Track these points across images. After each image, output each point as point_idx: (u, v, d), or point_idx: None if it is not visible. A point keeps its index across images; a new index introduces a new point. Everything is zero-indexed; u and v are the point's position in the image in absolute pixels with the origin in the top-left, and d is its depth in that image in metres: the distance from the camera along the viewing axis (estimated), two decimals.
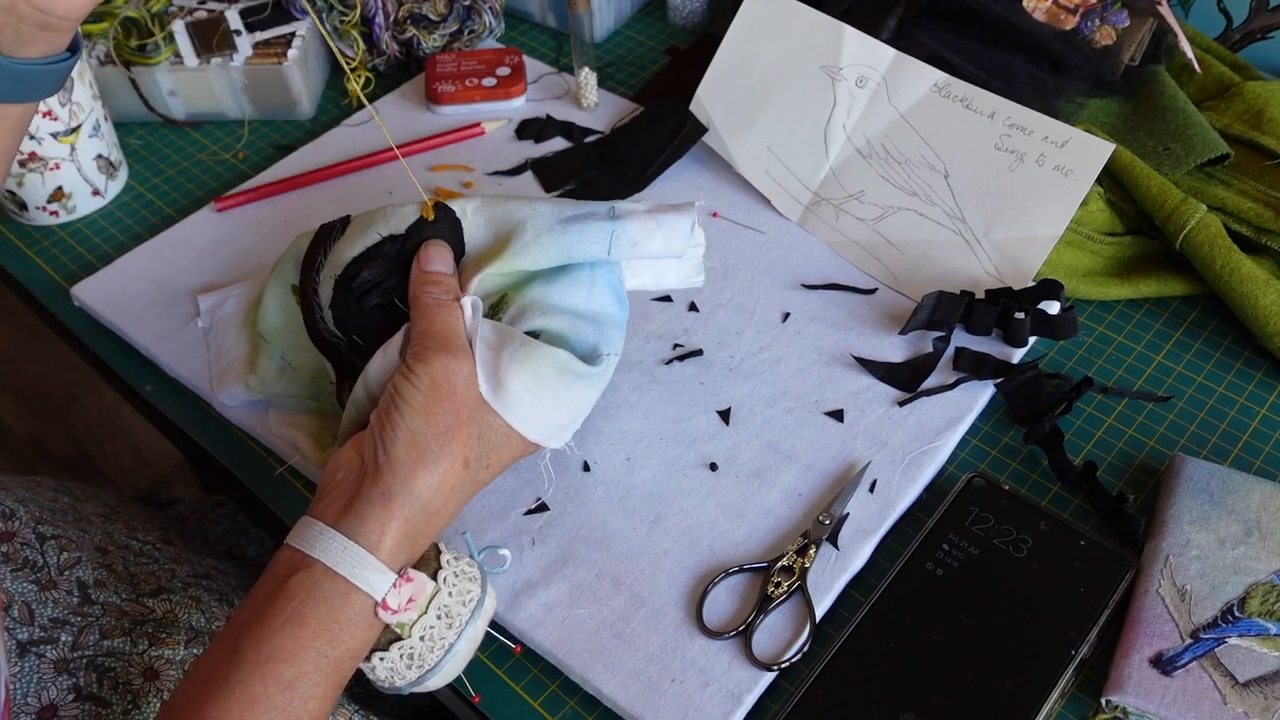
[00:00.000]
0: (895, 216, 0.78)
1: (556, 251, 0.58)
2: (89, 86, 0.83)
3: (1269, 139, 0.78)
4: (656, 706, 0.56)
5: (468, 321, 0.56)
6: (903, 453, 0.66)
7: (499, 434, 0.55)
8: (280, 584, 0.49)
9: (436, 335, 0.54)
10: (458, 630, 0.52)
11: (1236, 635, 0.55)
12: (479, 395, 0.54)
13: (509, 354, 0.55)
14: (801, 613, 0.60)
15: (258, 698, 0.47)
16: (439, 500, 0.52)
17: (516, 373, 0.54)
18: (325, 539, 0.50)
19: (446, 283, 0.57)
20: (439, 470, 0.51)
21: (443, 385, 0.52)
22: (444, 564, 0.53)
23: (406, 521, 0.51)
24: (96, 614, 0.62)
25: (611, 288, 0.60)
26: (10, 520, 0.65)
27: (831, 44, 0.81)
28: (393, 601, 0.50)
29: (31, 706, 0.57)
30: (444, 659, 0.52)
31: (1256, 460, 0.66)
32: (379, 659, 0.51)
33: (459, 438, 0.52)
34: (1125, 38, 0.82)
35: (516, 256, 0.58)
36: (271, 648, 0.48)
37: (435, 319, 0.55)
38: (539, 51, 1.01)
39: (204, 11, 0.92)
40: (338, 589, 0.49)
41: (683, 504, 0.65)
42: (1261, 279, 0.70)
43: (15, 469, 1.70)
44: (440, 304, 0.55)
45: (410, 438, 0.51)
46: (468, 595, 0.53)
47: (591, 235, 0.59)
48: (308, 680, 0.48)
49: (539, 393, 0.55)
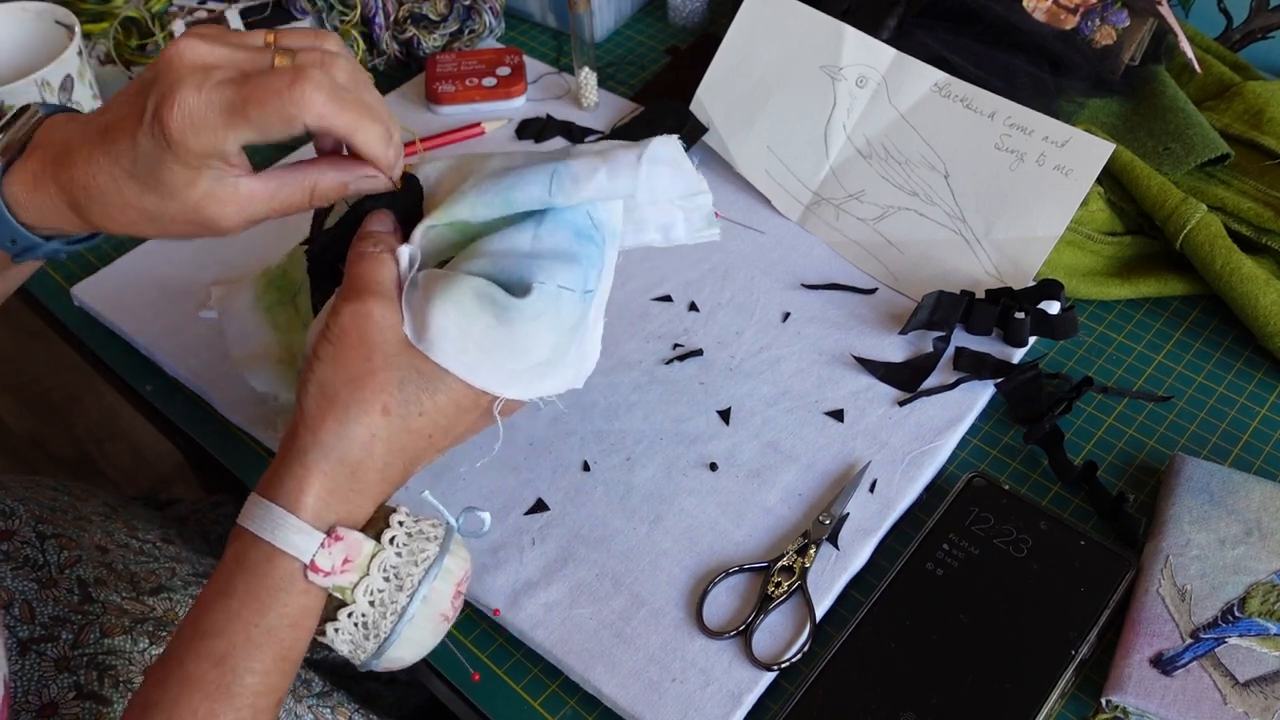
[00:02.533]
0: (895, 216, 0.78)
1: (493, 197, 0.54)
2: (89, 86, 0.83)
3: (1269, 139, 0.78)
4: (656, 706, 0.56)
5: (402, 270, 0.52)
6: (903, 452, 0.66)
7: (431, 378, 0.50)
8: (222, 560, 0.48)
9: (352, 284, 0.51)
10: (409, 592, 0.49)
11: (1237, 635, 0.55)
12: (401, 340, 0.50)
13: (430, 290, 0.51)
14: (801, 613, 0.60)
15: (192, 676, 0.45)
16: (358, 451, 0.48)
17: (437, 305, 0.50)
18: (251, 506, 0.48)
19: (376, 237, 0.53)
20: (350, 419, 0.48)
21: (351, 332, 0.49)
22: (393, 525, 0.50)
23: (326, 475, 0.48)
24: (97, 612, 0.62)
25: (567, 225, 0.54)
26: (10, 519, 0.66)
27: (832, 44, 0.81)
28: (323, 562, 0.47)
29: (32, 704, 0.57)
30: (399, 624, 0.49)
31: (1257, 460, 0.66)
32: (333, 630, 0.49)
33: (371, 384, 0.49)
34: (1125, 37, 0.82)
35: (455, 205, 0.54)
36: (206, 624, 0.46)
37: (357, 270, 0.51)
38: (539, 51, 1.01)
39: (204, 11, 0.92)
40: (262, 554, 0.47)
41: (683, 504, 0.65)
42: (1261, 279, 0.70)
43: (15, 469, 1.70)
44: (364, 255, 0.52)
45: (319, 390, 0.49)
46: (422, 555, 0.50)
47: (531, 177, 0.54)
48: (239, 653, 0.46)
49: (465, 326, 0.50)
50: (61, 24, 0.83)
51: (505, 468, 0.67)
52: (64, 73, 0.79)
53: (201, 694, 0.45)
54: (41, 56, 0.82)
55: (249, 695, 0.46)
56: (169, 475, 1.66)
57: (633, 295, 0.77)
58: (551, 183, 0.54)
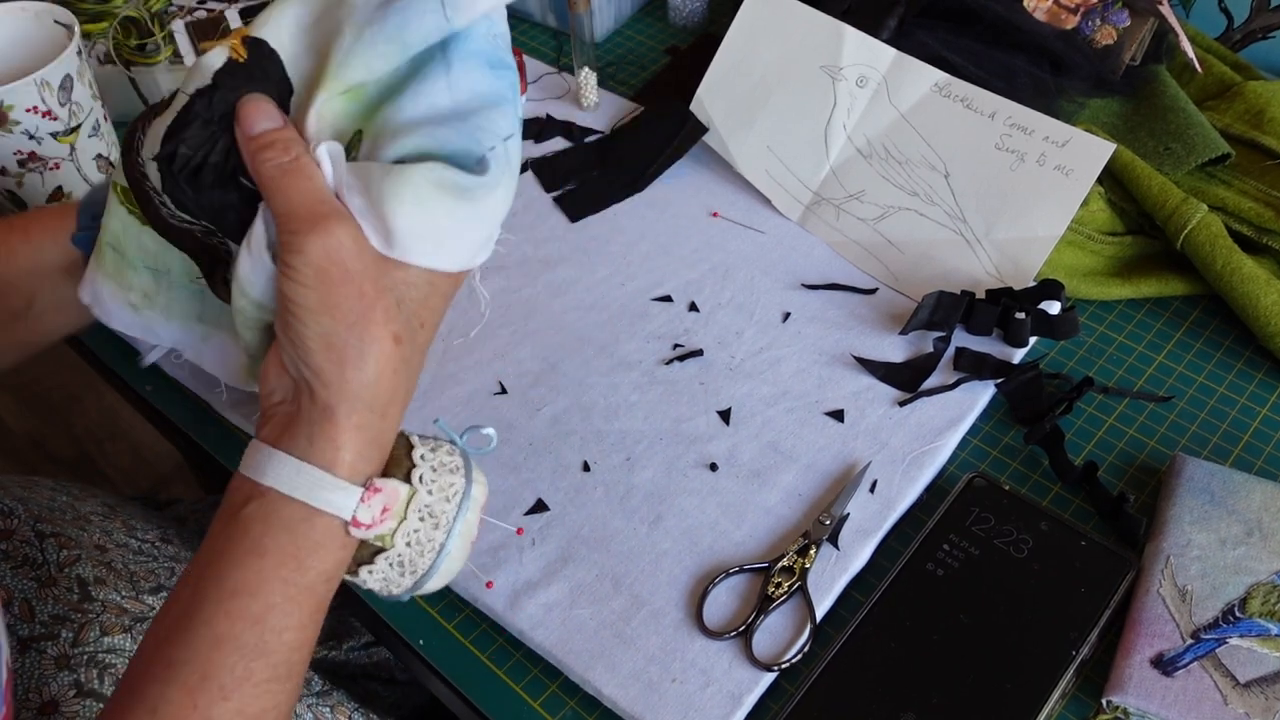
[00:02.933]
0: (896, 216, 0.78)
1: (386, 45, 0.47)
2: (88, 86, 0.83)
3: (1270, 139, 0.78)
4: (656, 707, 0.56)
5: (328, 175, 0.46)
6: (903, 453, 0.66)
7: (419, 285, 0.47)
8: (234, 515, 0.46)
9: (298, 212, 0.45)
10: (445, 529, 0.48)
11: (1237, 635, 0.55)
12: (375, 257, 0.46)
13: (380, 193, 0.45)
14: (802, 613, 0.60)
15: (223, 636, 0.44)
16: (385, 390, 0.46)
17: (397, 210, 0.45)
18: (276, 464, 0.45)
19: (282, 140, 0.47)
20: (369, 363, 0.45)
21: (330, 270, 0.44)
22: (417, 460, 0.48)
23: (359, 429, 0.46)
24: (96, 611, 0.62)
25: (477, 56, 0.48)
26: (9, 518, 0.65)
27: (832, 44, 0.81)
28: (364, 516, 0.46)
29: (33, 702, 0.57)
30: (438, 560, 0.48)
31: (1257, 460, 0.66)
32: (367, 573, 0.48)
33: (375, 318, 0.45)
34: (1126, 37, 0.82)
35: (343, 68, 0.47)
36: (235, 582, 0.44)
37: (289, 192, 0.45)
38: (539, 51, 1.00)
39: (203, 11, 0.92)
40: (297, 515, 0.45)
41: (683, 504, 0.65)
42: (1262, 279, 0.70)
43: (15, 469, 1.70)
44: (286, 170, 0.46)
45: (324, 342, 0.45)
46: (451, 489, 0.48)
47: (418, 6, 0.46)
48: (278, 612, 0.45)
49: (433, 220, 0.46)
50: (61, 24, 0.83)
51: (505, 468, 0.67)
52: (63, 73, 0.79)
53: (238, 653, 0.44)
54: (41, 56, 0.82)
55: (285, 650, 0.45)
56: (169, 475, 1.66)
57: (633, 295, 0.77)
58: (445, 6, 0.46)
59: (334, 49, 0.47)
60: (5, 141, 0.80)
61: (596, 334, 0.75)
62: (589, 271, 0.79)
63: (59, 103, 0.80)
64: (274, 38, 0.48)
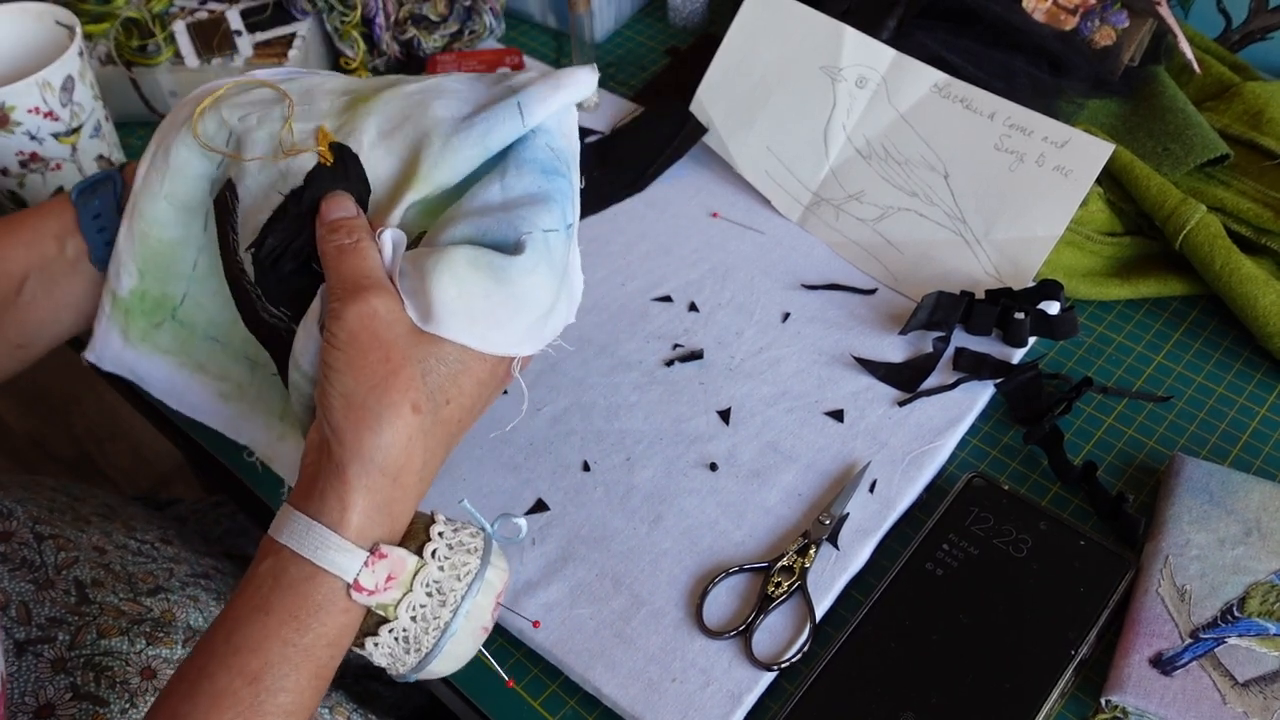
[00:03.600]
0: (895, 217, 0.78)
1: (471, 150, 0.52)
2: (90, 87, 0.83)
3: (1268, 139, 0.78)
4: (656, 706, 0.56)
5: (387, 258, 0.50)
6: (903, 453, 0.66)
7: (450, 362, 0.49)
8: (253, 572, 0.47)
9: (345, 282, 0.49)
10: (452, 607, 0.48)
11: (1236, 635, 0.55)
12: (410, 329, 0.49)
13: (423, 269, 0.49)
14: (801, 613, 0.60)
15: (223, 692, 0.44)
16: (398, 457, 0.47)
17: (435, 284, 0.48)
18: (290, 521, 0.47)
19: (348, 226, 0.51)
20: (385, 425, 0.47)
21: (361, 334, 0.47)
22: (433, 536, 0.49)
23: (368, 490, 0.47)
24: (94, 613, 0.62)
25: (532, 164, 0.53)
26: (8, 520, 0.65)
27: (831, 44, 0.81)
28: (367, 582, 0.46)
29: (29, 706, 0.57)
30: (442, 640, 0.48)
31: (1256, 460, 0.66)
32: (372, 644, 0.48)
33: (397, 384, 0.47)
34: (1125, 38, 0.82)
35: (434, 171, 0.52)
36: (239, 638, 0.45)
37: (342, 267, 0.49)
38: (539, 52, 1.01)
39: (205, 12, 0.92)
40: (303, 573, 0.46)
41: (683, 504, 0.65)
42: (1261, 279, 0.70)
43: (15, 469, 1.70)
44: (344, 248, 0.50)
45: (345, 402, 0.47)
46: (464, 569, 0.49)
47: (499, 114, 0.52)
48: (274, 672, 0.45)
49: (467, 296, 0.48)
50: (62, 25, 0.83)
51: (505, 468, 0.67)
52: (65, 73, 0.79)
53: (234, 710, 0.44)
54: (42, 57, 0.82)
55: (280, 714, 0.45)
56: (169, 475, 1.66)
57: (633, 295, 0.77)
58: (522, 115, 0.52)
59: (423, 155, 0.52)
60: (7, 142, 0.80)
61: (596, 334, 0.75)
62: (589, 271, 0.78)
63: (60, 103, 0.80)
64: (356, 144, 0.54)
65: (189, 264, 0.59)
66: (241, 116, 0.55)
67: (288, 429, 0.60)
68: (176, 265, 0.59)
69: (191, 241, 0.59)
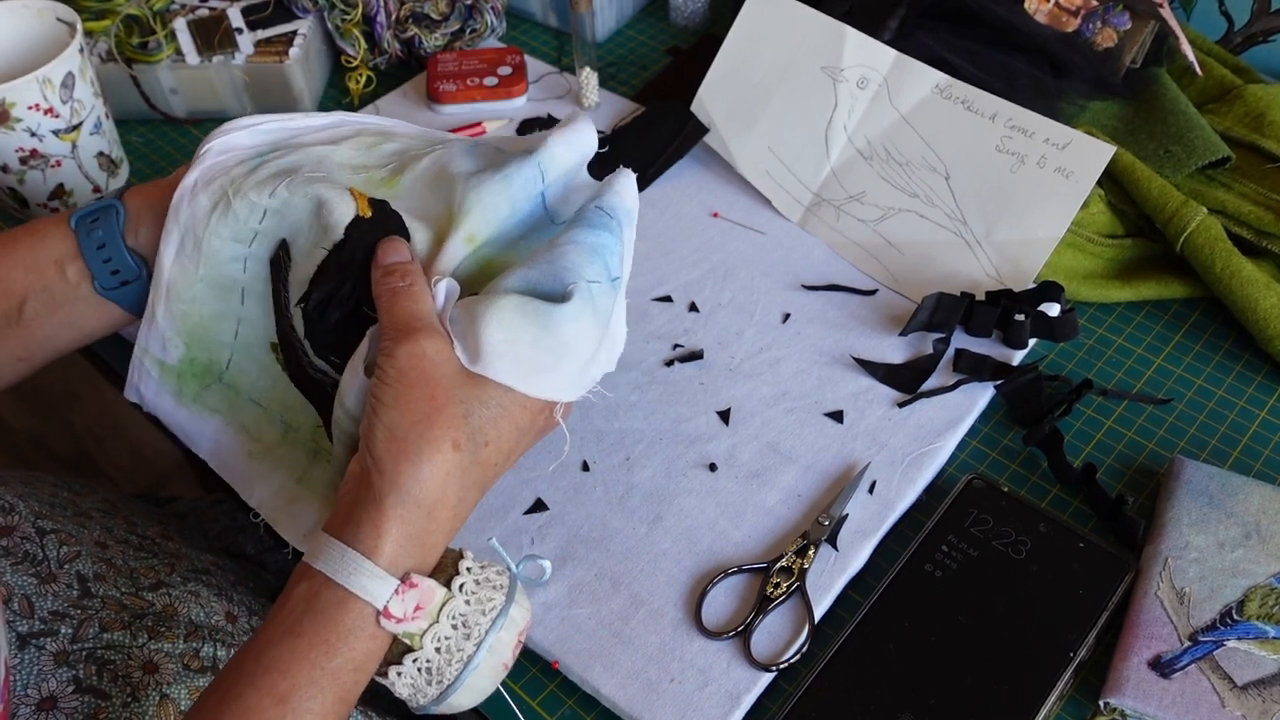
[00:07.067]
0: (896, 218, 0.78)
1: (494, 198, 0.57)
2: (90, 84, 0.83)
3: (1270, 142, 0.78)
4: (655, 706, 0.56)
5: (440, 304, 0.53)
6: (902, 454, 0.66)
7: (493, 405, 0.51)
8: (288, 596, 0.48)
9: (397, 323, 0.51)
10: (476, 641, 0.50)
11: (1235, 638, 0.55)
12: (458, 370, 0.51)
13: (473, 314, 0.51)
14: (800, 613, 0.60)
15: (251, 710, 0.45)
16: (434, 491, 0.49)
17: (485, 327, 0.51)
18: (326, 548, 0.48)
19: (403, 269, 0.54)
20: (425, 459, 0.49)
21: (409, 372, 0.49)
22: (462, 570, 0.51)
23: (403, 521, 0.48)
24: (96, 607, 0.62)
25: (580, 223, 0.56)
26: (10, 515, 0.65)
27: (833, 45, 0.81)
28: (396, 609, 0.48)
29: (31, 698, 0.57)
30: (464, 673, 0.50)
31: (1256, 463, 0.66)
32: (395, 674, 0.49)
33: (440, 420, 0.49)
34: (1127, 40, 0.82)
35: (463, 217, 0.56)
36: (270, 659, 0.47)
37: (396, 310, 0.52)
38: (540, 51, 1.01)
39: (206, 9, 0.92)
40: (335, 598, 0.48)
41: (682, 504, 0.65)
42: (1262, 282, 0.70)
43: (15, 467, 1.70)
44: (398, 291, 0.52)
45: (388, 434, 0.49)
46: (489, 604, 0.50)
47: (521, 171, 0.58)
48: (301, 693, 0.46)
49: (515, 341, 0.51)
50: (63, 21, 0.83)
51: None
52: (65, 70, 0.79)
53: None
54: (43, 54, 0.82)
55: None
56: (168, 473, 1.66)
57: (633, 295, 0.77)
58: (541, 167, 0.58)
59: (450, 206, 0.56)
60: (7, 139, 0.80)
61: None
62: None
63: (61, 100, 0.80)
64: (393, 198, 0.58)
65: (230, 333, 0.62)
66: (272, 192, 0.57)
67: (303, 493, 0.61)
68: (219, 335, 0.62)
69: (230, 314, 0.61)
